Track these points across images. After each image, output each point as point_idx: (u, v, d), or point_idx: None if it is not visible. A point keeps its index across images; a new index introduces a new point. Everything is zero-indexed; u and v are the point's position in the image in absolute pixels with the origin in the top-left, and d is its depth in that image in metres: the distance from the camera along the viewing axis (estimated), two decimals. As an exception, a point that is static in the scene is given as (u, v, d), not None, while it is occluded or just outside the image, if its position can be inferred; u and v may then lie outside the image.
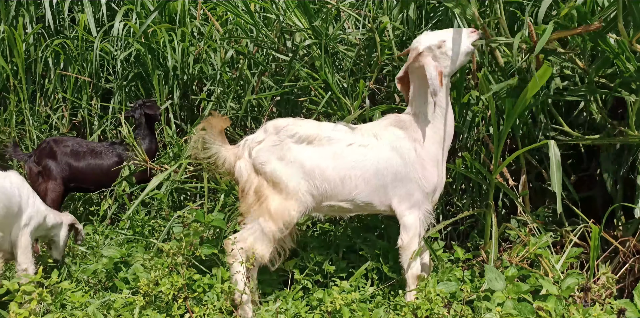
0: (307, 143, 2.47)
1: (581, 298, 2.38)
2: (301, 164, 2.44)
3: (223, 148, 2.54)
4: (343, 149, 2.46)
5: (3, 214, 2.49)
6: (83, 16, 4.95)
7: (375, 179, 2.45)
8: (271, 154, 2.47)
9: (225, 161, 2.53)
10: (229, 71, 4.20)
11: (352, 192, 2.47)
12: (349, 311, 2.30)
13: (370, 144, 2.47)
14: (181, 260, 2.63)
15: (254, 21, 3.61)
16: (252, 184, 2.48)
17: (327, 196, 2.48)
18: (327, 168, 2.44)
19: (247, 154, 2.53)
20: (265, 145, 2.50)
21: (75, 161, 3.90)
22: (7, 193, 2.51)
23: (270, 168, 2.45)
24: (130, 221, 3.45)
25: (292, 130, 2.48)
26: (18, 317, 2.09)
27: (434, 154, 2.49)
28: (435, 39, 2.43)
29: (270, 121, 2.61)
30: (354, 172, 2.44)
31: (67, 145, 3.92)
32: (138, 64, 4.75)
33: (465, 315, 2.17)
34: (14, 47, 4.79)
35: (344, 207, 2.52)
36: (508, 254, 2.68)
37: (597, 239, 2.45)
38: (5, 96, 4.97)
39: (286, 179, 2.43)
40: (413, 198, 2.47)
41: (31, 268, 2.66)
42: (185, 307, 2.34)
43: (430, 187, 2.48)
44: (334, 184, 2.45)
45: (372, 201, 2.49)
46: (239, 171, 2.52)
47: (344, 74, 3.41)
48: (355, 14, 3.54)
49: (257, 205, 2.45)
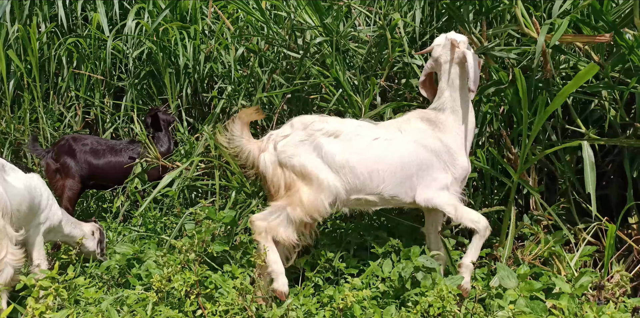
0: (335, 137, 2.52)
1: (594, 296, 2.36)
2: (332, 158, 2.49)
3: (247, 141, 2.59)
4: (369, 143, 2.51)
5: (27, 212, 2.59)
6: (96, 15, 4.99)
7: (402, 172, 2.50)
8: (299, 148, 2.51)
9: (250, 154, 2.58)
10: (240, 68, 4.21)
11: (379, 185, 2.51)
12: (360, 308, 2.31)
13: (395, 138, 2.53)
14: (193, 256, 2.65)
15: (264, 19, 3.61)
16: (280, 177, 2.52)
17: (355, 189, 2.52)
18: (356, 162, 2.49)
19: (271, 147, 2.56)
20: (292, 139, 2.53)
21: (95, 158, 3.93)
22: (32, 192, 2.63)
23: (299, 161, 2.49)
24: (143, 218, 3.47)
25: (320, 125, 2.54)
26: (35, 311, 2.12)
27: (459, 145, 2.55)
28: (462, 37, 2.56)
29: (296, 117, 2.66)
30: (381, 166, 2.49)
31: (86, 143, 3.95)
32: (150, 62, 4.77)
33: (477, 313, 2.16)
34: (27, 46, 4.83)
35: (371, 200, 2.56)
36: (521, 252, 2.66)
37: (613, 237, 2.43)
38: (20, 94, 5.03)
39: (317, 172, 2.47)
40: (439, 182, 2.52)
41: (44, 264, 2.74)
42: (198, 303, 2.35)
43: (459, 173, 2.54)
44: (362, 178, 2.50)
45: (398, 194, 2.54)
46: (263, 164, 2.56)
47: (355, 72, 3.41)
48: (366, 11, 3.53)
49: (287, 195, 2.50)
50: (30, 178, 2.67)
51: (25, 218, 2.61)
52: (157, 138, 4.14)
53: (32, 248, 2.72)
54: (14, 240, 2.43)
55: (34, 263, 2.71)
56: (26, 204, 2.56)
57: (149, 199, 3.52)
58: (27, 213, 2.60)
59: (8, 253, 2.38)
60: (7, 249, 2.38)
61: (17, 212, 2.48)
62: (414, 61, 3.23)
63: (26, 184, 2.60)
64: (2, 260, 2.36)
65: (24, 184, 2.58)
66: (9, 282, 2.37)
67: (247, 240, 3.17)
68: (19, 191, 2.52)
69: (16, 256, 2.41)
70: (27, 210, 2.58)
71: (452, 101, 2.56)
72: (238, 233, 3.22)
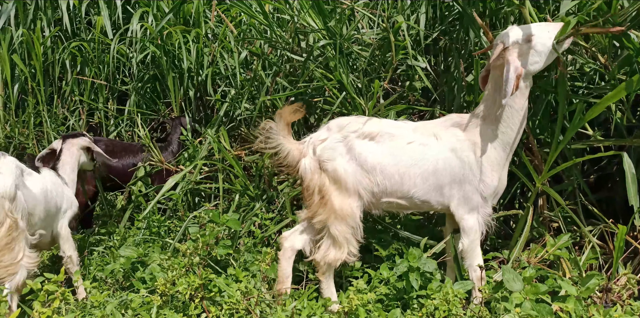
0: (370, 139, 2.50)
1: (601, 299, 2.34)
2: (364, 160, 2.48)
3: (287, 141, 2.57)
4: (403, 146, 2.48)
5: (44, 216, 2.67)
6: (99, 19, 5.01)
7: (434, 178, 2.47)
8: (335, 151, 2.51)
9: (289, 155, 2.57)
10: (244, 72, 4.21)
11: (410, 190, 2.49)
12: (364, 311, 2.30)
13: (430, 143, 2.48)
14: (197, 260, 2.65)
15: (268, 22, 3.61)
16: (316, 184, 2.53)
17: (386, 192, 2.52)
18: (388, 165, 2.47)
19: (311, 151, 2.56)
20: (329, 143, 2.54)
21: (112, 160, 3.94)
22: (47, 196, 2.70)
23: (332, 165, 2.50)
24: (147, 222, 3.47)
25: (355, 127, 2.53)
26: (41, 316, 2.12)
27: (494, 158, 2.44)
28: (523, 33, 2.28)
29: (332, 120, 2.66)
30: (413, 170, 2.47)
31: (101, 146, 3.95)
32: (153, 66, 4.78)
33: (483, 316, 2.15)
34: (32, 50, 4.85)
35: (402, 204, 2.55)
36: (527, 255, 2.65)
37: (622, 239, 2.41)
38: (24, 99, 5.04)
39: (346, 176, 2.47)
40: (472, 201, 2.46)
41: (74, 254, 2.94)
42: (202, 307, 2.35)
43: (488, 191, 2.46)
44: (393, 181, 2.49)
45: (430, 199, 2.51)
46: (303, 169, 2.56)
47: (358, 74, 3.41)
48: (369, 13, 3.53)
49: (322, 204, 2.51)
50: (43, 179, 2.74)
51: (45, 221, 2.70)
52: (169, 142, 4.20)
53: (62, 241, 2.88)
54: (29, 244, 2.49)
55: (65, 255, 2.90)
56: (41, 208, 2.63)
57: (153, 202, 3.52)
58: (46, 216, 2.69)
59: (25, 256, 2.44)
60: (23, 252, 2.43)
61: (31, 216, 2.54)
62: (417, 63, 3.23)
63: (42, 188, 2.67)
64: (18, 262, 2.41)
65: (40, 189, 2.65)
66: (22, 285, 2.40)
67: (251, 243, 3.17)
68: (35, 195, 2.59)
69: (32, 259, 2.47)
70: (43, 214, 2.65)
71: (494, 108, 2.38)
72: (242, 236, 3.22)
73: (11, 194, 2.36)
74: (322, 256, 2.54)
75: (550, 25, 2.31)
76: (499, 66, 2.33)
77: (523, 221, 2.69)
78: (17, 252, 2.39)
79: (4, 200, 2.33)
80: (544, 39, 2.26)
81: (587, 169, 3.13)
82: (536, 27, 2.30)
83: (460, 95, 3.13)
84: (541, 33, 2.26)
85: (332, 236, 2.52)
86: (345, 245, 2.52)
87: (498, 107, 2.37)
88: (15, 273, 2.39)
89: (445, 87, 3.26)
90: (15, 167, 2.47)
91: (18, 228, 2.39)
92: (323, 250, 2.55)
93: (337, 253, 2.52)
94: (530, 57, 2.28)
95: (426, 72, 3.33)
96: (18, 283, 2.39)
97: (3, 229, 2.33)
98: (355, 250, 2.56)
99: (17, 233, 2.38)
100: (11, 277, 2.38)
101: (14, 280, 2.39)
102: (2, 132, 4.76)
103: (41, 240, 2.70)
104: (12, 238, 2.36)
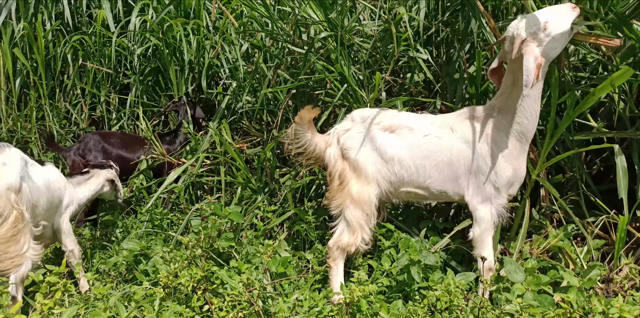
0: (390, 131, 2.60)
1: (603, 289, 2.34)
2: (384, 151, 2.59)
3: (314, 136, 2.74)
4: (419, 139, 2.57)
5: (47, 207, 2.69)
6: (101, 12, 4.99)
7: (448, 169, 2.54)
8: (357, 141, 2.64)
9: (316, 148, 2.74)
10: (245, 64, 4.20)
11: (426, 180, 2.58)
12: (366, 303, 2.30)
13: (445, 136, 2.55)
14: (200, 252, 2.66)
15: (269, 14, 3.59)
16: (337, 169, 2.66)
17: (404, 182, 2.61)
18: (405, 156, 2.57)
19: (336, 140, 2.71)
20: (352, 133, 2.67)
21: (128, 153, 3.95)
22: (50, 187, 2.72)
23: (354, 153, 2.62)
24: (150, 214, 3.48)
25: (378, 119, 2.64)
26: (44, 307, 2.14)
27: (508, 149, 2.47)
28: (537, 21, 2.21)
29: (355, 110, 2.80)
30: (428, 162, 2.55)
31: (114, 138, 3.96)
32: (155, 59, 4.78)
33: (484, 307, 2.16)
34: (33, 44, 4.85)
35: (420, 194, 2.64)
36: (529, 246, 2.65)
37: (624, 230, 2.41)
38: (26, 92, 5.05)
39: (365, 165, 2.59)
40: (485, 192, 2.50)
41: (77, 248, 2.96)
42: (205, 299, 2.36)
43: (501, 182, 2.48)
44: (410, 172, 2.58)
45: (446, 190, 2.59)
46: (328, 157, 2.72)
47: (359, 66, 3.39)
48: (370, 5, 3.51)
49: (340, 189, 2.62)
50: (47, 171, 2.76)
51: (48, 212, 2.73)
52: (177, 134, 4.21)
53: (63, 235, 2.90)
54: (33, 235, 2.52)
55: (67, 249, 2.91)
56: (44, 199, 2.65)
57: (156, 195, 3.53)
58: (48, 207, 2.71)
59: (30, 247, 2.47)
60: (28, 244, 2.46)
61: (35, 207, 2.56)
62: (419, 55, 3.21)
63: (45, 179, 2.69)
64: (24, 254, 2.43)
65: (43, 180, 2.67)
66: (26, 277, 2.41)
67: (254, 235, 3.18)
68: (39, 187, 2.61)
69: (36, 251, 2.50)
70: (46, 205, 2.68)
71: (510, 100, 2.39)
72: (244, 228, 3.23)
73: (17, 187, 2.37)
74: (335, 240, 2.63)
75: (558, 8, 2.27)
76: (518, 58, 2.27)
77: (520, 213, 2.69)
78: (22, 244, 2.42)
79: (10, 192, 2.34)
80: (559, 23, 2.22)
81: (590, 160, 3.12)
82: (547, 13, 2.26)
83: (462, 87, 3.12)
84: (555, 18, 2.23)
85: (346, 221, 2.61)
86: (359, 230, 2.60)
87: (516, 99, 2.38)
88: (21, 265, 2.41)
89: (447, 79, 3.25)
90: (19, 159, 2.48)
91: (24, 219, 2.41)
92: (337, 234, 2.64)
93: (351, 238, 2.60)
94: (548, 44, 2.24)
95: (428, 63, 3.31)
96: (23, 275, 2.41)
97: (9, 221, 2.35)
98: (368, 237, 2.64)
99: (22, 224, 2.40)
100: (16, 269, 2.40)
101: (19, 271, 2.41)
102: (5, 126, 4.77)
103: (43, 234, 2.72)
104: (18, 229, 2.38)
